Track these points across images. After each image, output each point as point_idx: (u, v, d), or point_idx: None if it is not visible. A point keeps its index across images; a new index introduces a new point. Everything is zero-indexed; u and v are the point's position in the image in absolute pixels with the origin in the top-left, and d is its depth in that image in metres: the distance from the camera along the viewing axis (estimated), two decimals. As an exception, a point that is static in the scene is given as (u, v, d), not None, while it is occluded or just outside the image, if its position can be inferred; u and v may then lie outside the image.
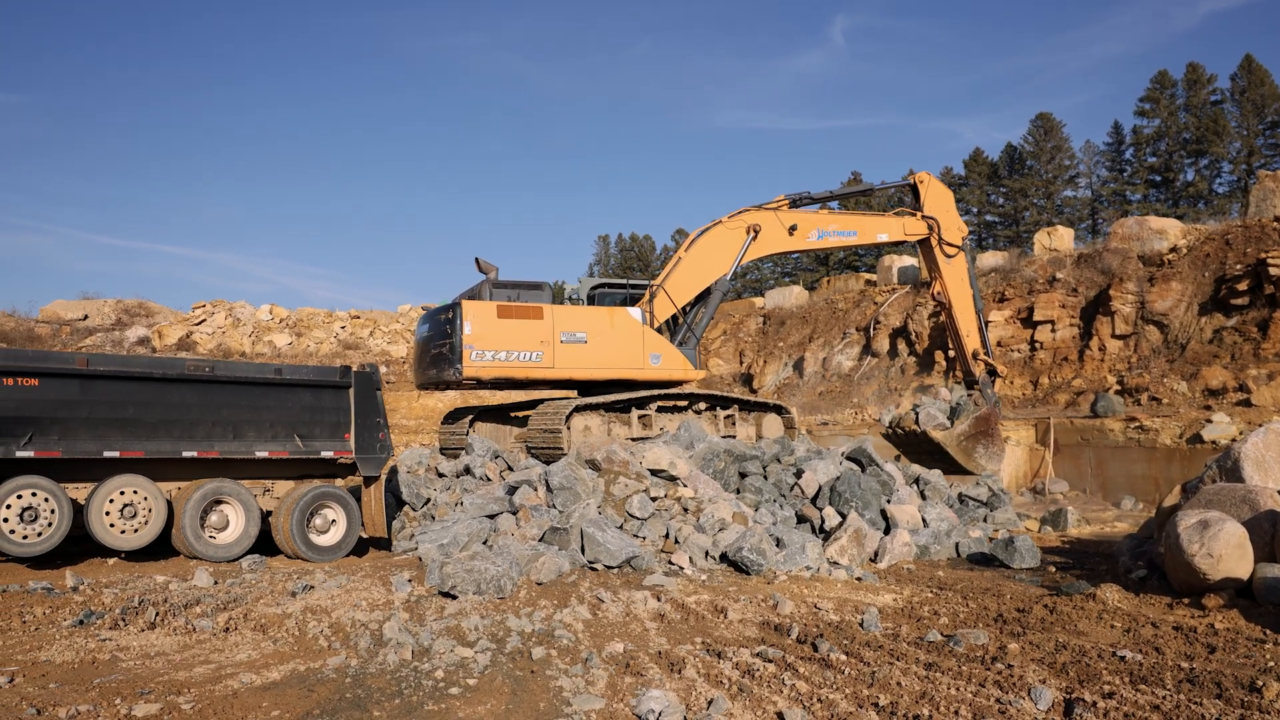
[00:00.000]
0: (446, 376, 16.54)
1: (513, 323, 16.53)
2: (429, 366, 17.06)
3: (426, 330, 17.44)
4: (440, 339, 16.66)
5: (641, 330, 17.63)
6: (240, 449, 13.37)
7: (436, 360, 16.71)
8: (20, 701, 6.36)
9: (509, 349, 16.37)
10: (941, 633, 8.65)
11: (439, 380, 17.01)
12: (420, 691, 6.69)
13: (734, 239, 18.96)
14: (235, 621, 8.91)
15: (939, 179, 22.24)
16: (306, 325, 42.36)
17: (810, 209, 20.23)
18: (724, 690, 6.71)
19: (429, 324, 17.42)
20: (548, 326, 16.76)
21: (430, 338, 17.16)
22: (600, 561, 12.15)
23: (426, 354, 17.24)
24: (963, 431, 20.03)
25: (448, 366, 16.38)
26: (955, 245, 21.56)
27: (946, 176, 78.08)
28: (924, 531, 14.57)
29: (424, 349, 17.48)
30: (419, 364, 17.76)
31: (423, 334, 17.65)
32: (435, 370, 16.76)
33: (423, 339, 17.61)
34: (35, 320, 40.26)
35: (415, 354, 18.19)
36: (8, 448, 11.72)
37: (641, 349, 17.60)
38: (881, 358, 36.46)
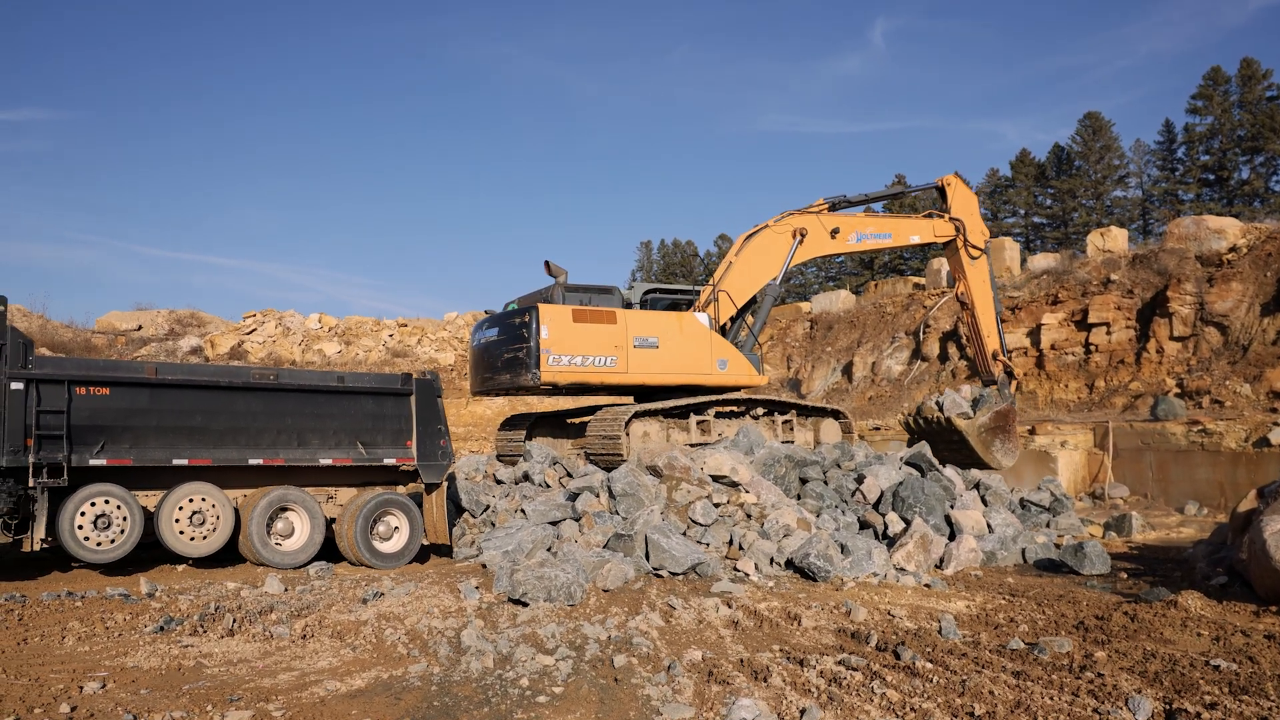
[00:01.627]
0: (523, 381, 16.25)
1: (588, 327, 16.39)
2: (501, 370, 16.77)
3: (495, 334, 17.15)
4: (515, 343, 16.39)
5: (709, 335, 17.60)
6: (305, 456, 13.47)
7: (511, 365, 16.45)
8: (115, 707, 6.41)
9: (584, 354, 16.24)
10: (1024, 640, 8.50)
11: (513, 385, 16.70)
12: (508, 700, 6.67)
13: (782, 243, 18.91)
14: (312, 628, 8.94)
15: (964, 182, 22.49)
16: (355, 334, 42.70)
17: (848, 212, 20.25)
18: (813, 699, 6.62)
19: (498, 328, 17.13)
20: (621, 331, 16.66)
21: (501, 341, 16.87)
22: (665, 568, 12.09)
23: (496, 358, 16.94)
24: (983, 424, 19.96)
25: (524, 371, 16.13)
26: (979, 248, 21.67)
27: (992, 178, 77.40)
28: (989, 537, 14.37)
29: (491, 353, 17.17)
30: (483, 368, 17.48)
31: (488, 338, 17.36)
32: (509, 375, 16.50)
33: (488, 343, 17.33)
34: (92, 331, 40.89)
35: (477, 358, 17.90)
36: (81, 456, 11.89)
37: (710, 354, 17.56)
38: (932, 361, 36.10)
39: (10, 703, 6.53)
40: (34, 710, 6.37)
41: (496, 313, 17.84)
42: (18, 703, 6.53)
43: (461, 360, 42.69)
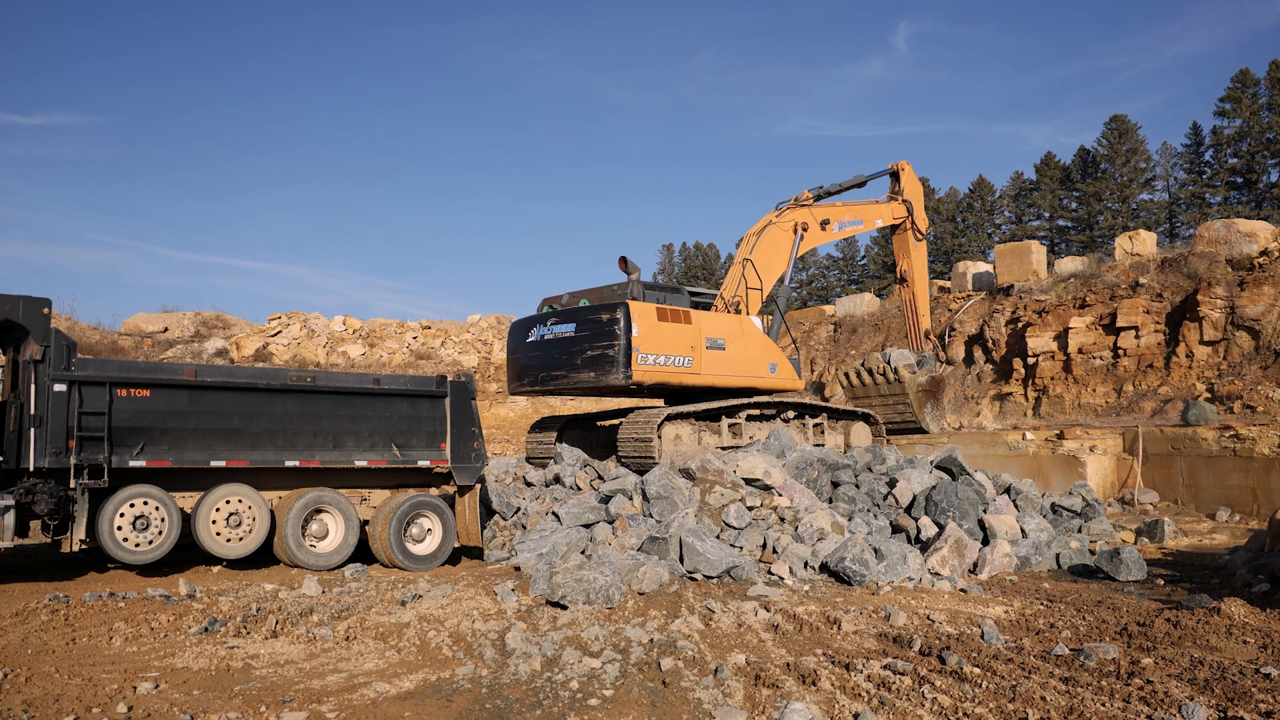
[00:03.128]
0: (612, 380, 15.93)
1: (669, 326, 16.24)
2: (583, 368, 16.22)
3: (572, 330, 16.55)
4: (602, 340, 15.96)
5: (763, 339, 17.65)
6: (340, 458, 13.53)
7: (596, 362, 16.00)
8: (171, 707, 6.46)
9: (666, 353, 16.07)
10: (1068, 646, 8.45)
11: (597, 384, 16.22)
12: (559, 703, 6.68)
13: (787, 239, 19.08)
14: (354, 630, 8.98)
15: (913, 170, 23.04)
16: (379, 336, 42.87)
17: (828, 202, 20.66)
18: (865, 703, 6.60)
19: (575, 323, 16.54)
20: (696, 331, 16.56)
21: (583, 338, 16.31)
22: (700, 571, 12.08)
23: (574, 355, 16.37)
24: (922, 383, 21.01)
25: (614, 369, 15.76)
26: (923, 232, 22.79)
27: (1017, 181, 77.05)
28: (1023, 542, 14.29)
29: (566, 349, 16.52)
30: (550, 365, 16.76)
31: (558, 334, 16.72)
32: (594, 373, 16.04)
33: (558, 339, 16.67)
34: (118, 333, 41.19)
35: (537, 355, 17.07)
36: (121, 457, 11.98)
37: (764, 357, 17.59)
38: (958, 365, 35.93)
39: (68, 702, 6.59)
40: (92, 710, 6.43)
41: (559, 309, 17.18)
42: (75, 702, 6.59)
43: (485, 362, 42.75)
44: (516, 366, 17.58)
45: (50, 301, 11.81)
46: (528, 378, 17.26)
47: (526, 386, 17.40)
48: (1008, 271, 36.09)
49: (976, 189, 77.96)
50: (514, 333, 17.73)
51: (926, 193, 78.04)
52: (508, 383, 17.93)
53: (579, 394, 18.49)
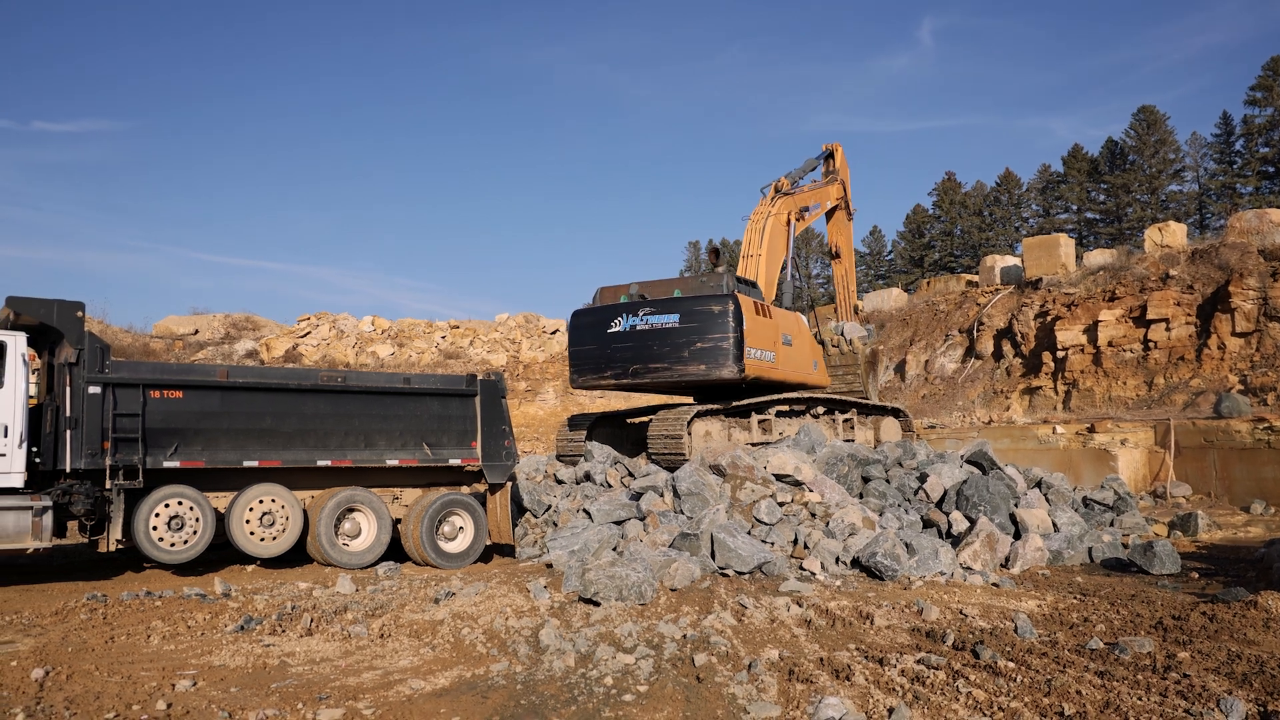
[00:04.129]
0: (723, 374, 15.67)
1: (762, 320, 16.13)
2: (689, 361, 15.84)
3: (675, 321, 16.05)
4: (712, 332, 15.64)
5: (810, 335, 17.72)
6: (371, 458, 13.62)
7: (706, 355, 15.68)
8: (209, 705, 6.54)
9: (761, 347, 15.94)
10: (1102, 640, 8.39)
11: (704, 377, 15.85)
12: (594, 699, 6.71)
13: (784, 229, 19.21)
14: (389, 628, 9.05)
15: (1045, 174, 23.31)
16: (408, 336, 43.08)
17: (798, 188, 20.88)
18: (899, 698, 6.59)
19: (678, 314, 16.07)
20: (775, 326, 16.51)
21: (689, 329, 15.89)
22: (731, 567, 12.08)
23: (679, 347, 15.94)
24: (867, 355, 21.50)
25: (726, 362, 15.52)
26: (852, 211, 23.51)
27: (1044, 174, 76.42)
28: (1055, 536, 14.20)
29: (667, 341, 16.04)
30: (646, 357, 16.22)
31: (656, 324, 16.17)
32: (703, 365, 15.72)
33: (656, 330, 16.14)
34: (150, 335, 41.60)
35: (643, 345, 16.33)
36: (156, 458, 12.11)
37: (811, 353, 17.63)
38: (986, 359, 35.73)
39: (108, 699, 6.68)
40: (132, 707, 6.52)
41: (656, 298, 16.57)
42: (115, 699, 6.68)
43: (514, 361, 42.87)
44: (594, 358, 16.65)
45: (84, 305, 11.97)
46: (612, 370, 16.47)
47: (610, 379, 16.58)
48: (1036, 265, 35.85)
49: (1003, 182, 77.42)
50: (585, 323, 16.82)
51: (952, 187, 77.63)
52: (575, 375, 16.96)
53: (676, 388, 17.82)
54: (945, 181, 79.59)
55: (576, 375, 16.89)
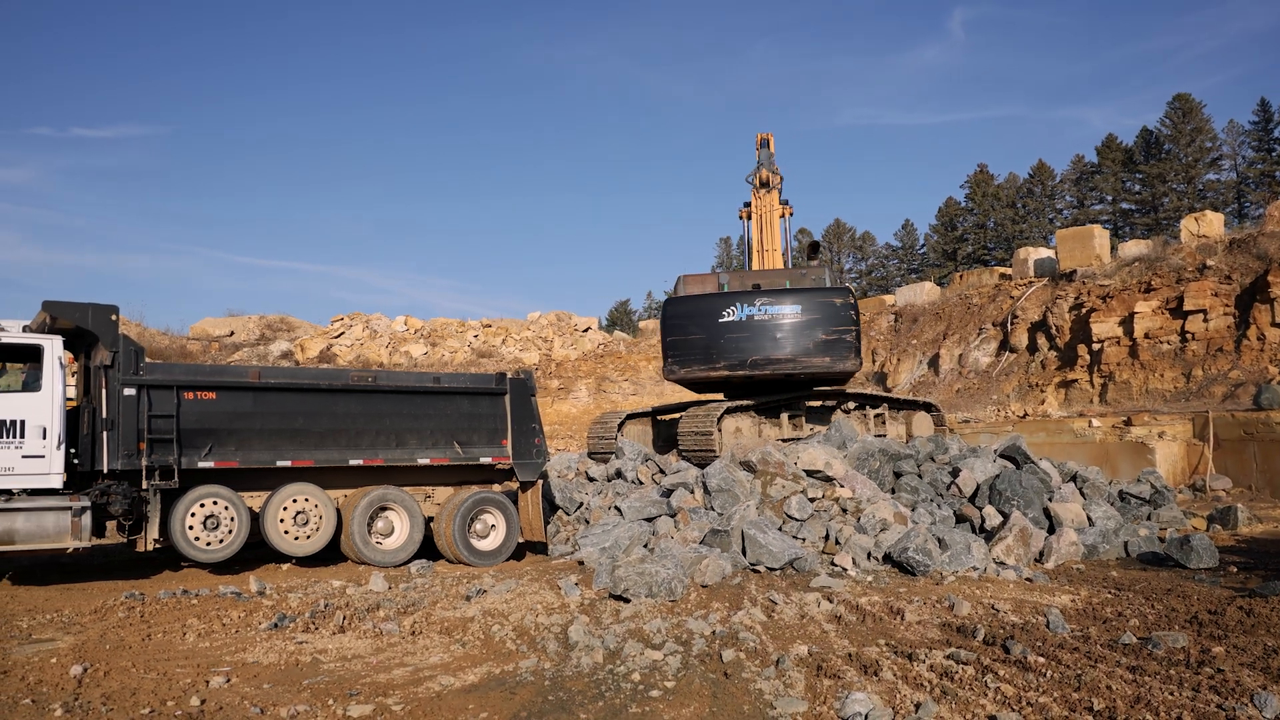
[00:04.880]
0: (848, 367, 15.77)
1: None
2: (817, 353, 15.72)
3: (799, 311, 15.84)
4: (839, 324, 15.62)
5: None
6: (403, 456, 13.72)
7: (834, 348, 15.67)
8: (241, 701, 6.63)
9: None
10: (1135, 635, 8.31)
11: (830, 370, 15.78)
12: (621, 694, 6.73)
13: (779, 222, 19.24)
14: (420, 625, 9.12)
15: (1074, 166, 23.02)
16: (441, 335, 43.35)
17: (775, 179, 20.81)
18: (926, 693, 6.56)
19: (801, 305, 15.86)
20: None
21: (817, 321, 15.73)
22: (762, 563, 12.08)
23: (808, 338, 15.78)
24: None
25: (850, 356, 15.61)
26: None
27: (1078, 165, 75.63)
28: (1090, 530, 14.06)
29: (795, 331, 15.82)
30: (774, 347, 15.90)
31: (783, 315, 15.88)
32: (831, 358, 15.70)
33: (784, 322, 15.86)
34: (186, 337, 42.14)
35: (763, 335, 15.99)
36: (190, 459, 12.27)
37: None
38: (1020, 353, 35.42)
39: (144, 695, 6.79)
40: (166, 703, 6.62)
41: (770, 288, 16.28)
42: (150, 695, 6.79)
43: (546, 359, 43.01)
44: (703, 348, 16.08)
45: (118, 308, 12.13)
46: (726, 361, 16.01)
47: (723, 370, 16.06)
48: (1070, 257, 35.49)
49: (1036, 174, 76.69)
50: (687, 311, 16.28)
51: (985, 179, 76.97)
52: (675, 366, 16.30)
53: (793, 380, 17.25)
54: (978, 174, 78.95)
55: (678, 366, 16.20)
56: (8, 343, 11.93)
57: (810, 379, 16.83)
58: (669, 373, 16.23)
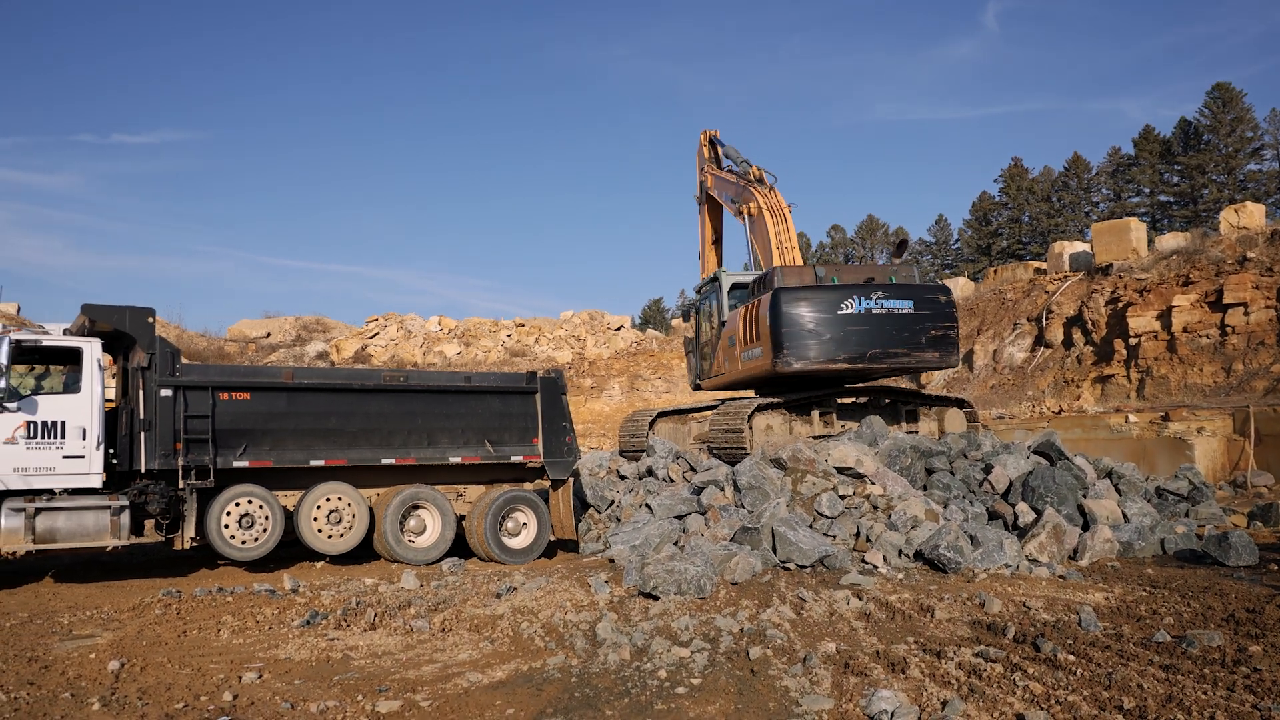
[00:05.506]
0: (950, 363, 16.10)
1: None
2: (925, 348, 15.82)
3: (911, 307, 15.86)
4: (943, 321, 15.85)
5: None
6: (434, 455, 13.82)
7: (939, 344, 15.87)
8: (273, 696, 6.73)
9: None
10: (1170, 633, 8.22)
11: (939, 364, 16.29)
12: (647, 691, 6.76)
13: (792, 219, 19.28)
14: (450, 622, 9.19)
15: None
16: (474, 335, 43.57)
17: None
18: (954, 691, 6.53)
19: (913, 300, 15.94)
20: None
21: (924, 317, 15.84)
22: (793, 561, 12.06)
23: (917, 334, 15.83)
24: None
25: (953, 352, 15.87)
26: None
27: (1114, 157, 74.74)
28: (1125, 527, 13.91)
29: (905, 327, 15.84)
30: (885, 341, 15.81)
31: (895, 309, 15.85)
32: (938, 354, 15.96)
33: (895, 315, 15.83)
34: (224, 339, 42.65)
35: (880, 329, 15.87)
36: (226, 458, 12.44)
37: None
38: (1056, 348, 35.08)
39: (178, 690, 6.91)
40: (200, 698, 6.73)
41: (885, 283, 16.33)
42: (184, 690, 6.91)
43: (579, 358, 43.10)
44: (821, 339, 15.85)
45: (154, 311, 12.32)
46: (845, 353, 15.82)
47: (842, 362, 15.86)
48: (1106, 250, 35.10)
49: (1072, 167, 75.85)
50: (803, 301, 15.90)
51: (1019, 173, 76.26)
52: (791, 357, 15.81)
53: (899, 373, 17.75)
54: (1012, 168, 78.21)
55: (794, 358, 15.73)
56: (48, 345, 12.15)
57: (910, 372, 17.34)
58: (784, 364, 15.70)
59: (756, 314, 16.16)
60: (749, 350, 16.39)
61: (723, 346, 17.79)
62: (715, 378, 18.51)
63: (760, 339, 16.00)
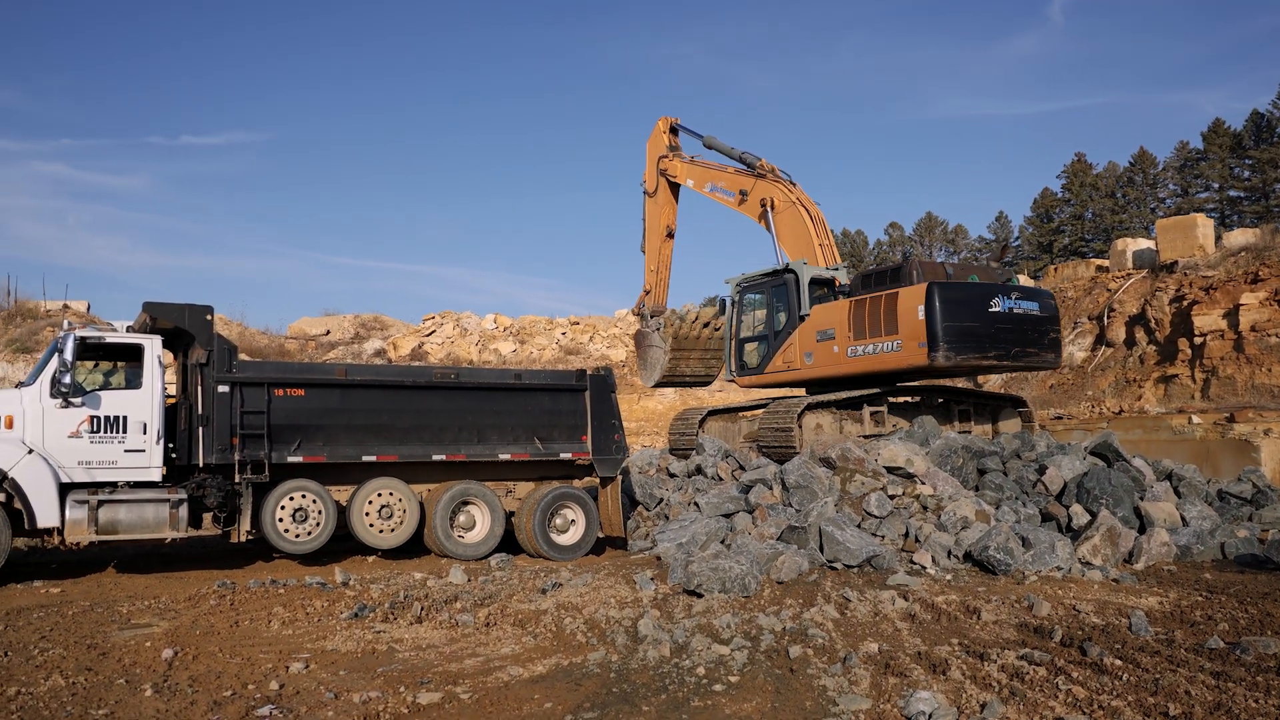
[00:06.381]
0: (1057, 363, 16.77)
1: None
2: (1048, 349, 16.59)
3: (1037, 309, 16.52)
4: (1055, 325, 16.64)
5: None
6: (484, 452, 13.97)
7: (1054, 345, 16.71)
8: (318, 686, 6.87)
9: None
10: (1223, 639, 8.05)
11: (1053, 365, 16.95)
12: (684, 688, 6.79)
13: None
14: (494, 617, 9.30)
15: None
16: (529, 332, 43.82)
17: None
18: (994, 693, 6.47)
19: (1039, 303, 16.57)
20: None
21: (1045, 319, 16.59)
22: (840, 560, 11.99)
23: (1042, 335, 16.46)
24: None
25: (1059, 353, 16.67)
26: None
27: (1182, 151, 73.07)
28: (1183, 531, 13.64)
29: (1034, 327, 16.45)
30: (1018, 341, 16.31)
31: (1025, 310, 16.45)
32: (1054, 354, 16.71)
33: (1025, 316, 16.43)
34: (285, 336, 43.34)
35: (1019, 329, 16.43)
36: (280, 453, 12.68)
37: None
38: (1117, 347, 34.44)
39: (227, 678, 7.08)
40: (247, 686, 6.90)
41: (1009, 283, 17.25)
42: (233, 679, 7.08)
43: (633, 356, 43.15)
44: (977, 336, 16.16)
45: (212, 309, 12.59)
46: (996, 350, 16.28)
47: (993, 359, 16.35)
48: (1171, 247, 34.36)
49: (1137, 161, 74.30)
50: (958, 298, 16.18)
51: (1083, 169, 74.90)
52: (951, 352, 15.92)
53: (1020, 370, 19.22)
54: (1075, 163, 76.80)
55: (953, 352, 15.90)
56: (111, 342, 12.49)
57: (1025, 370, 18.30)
58: (945, 359, 15.78)
59: (895, 307, 16.15)
60: (871, 344, 16.33)
61: (801, 340, 17.32)
62: (783, 372, 18.00)
63: (900, 332, 16.04)
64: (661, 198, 21.63)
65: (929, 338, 15.64)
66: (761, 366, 18.34)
